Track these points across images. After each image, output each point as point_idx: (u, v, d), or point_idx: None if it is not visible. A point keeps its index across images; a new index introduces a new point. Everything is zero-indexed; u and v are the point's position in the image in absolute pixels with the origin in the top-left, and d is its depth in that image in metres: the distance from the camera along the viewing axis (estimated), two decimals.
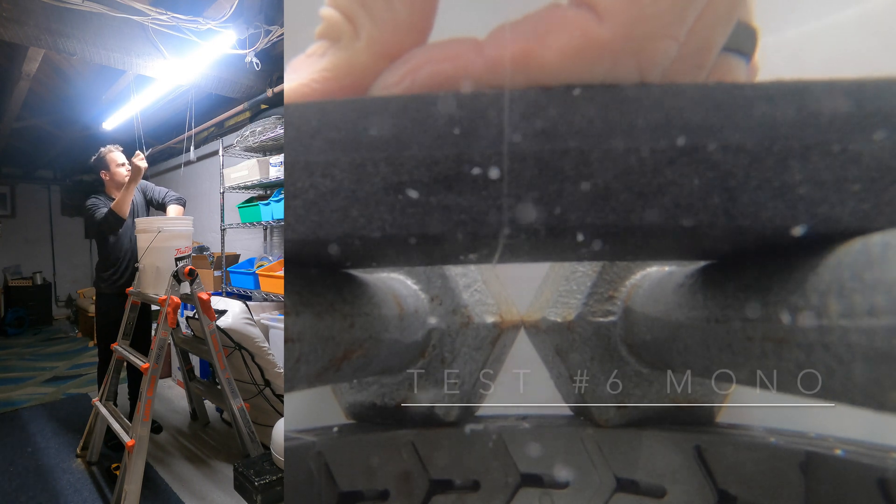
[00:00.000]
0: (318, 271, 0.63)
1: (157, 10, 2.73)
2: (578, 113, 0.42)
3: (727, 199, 0.42)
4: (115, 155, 2.95)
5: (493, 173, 0.43)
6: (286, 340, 0.59)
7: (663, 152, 0.42)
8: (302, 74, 0.47)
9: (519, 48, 0.41)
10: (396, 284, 0.88)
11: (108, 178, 2.96)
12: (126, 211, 2.83)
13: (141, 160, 2.70)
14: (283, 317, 3.17)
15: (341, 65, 0.46)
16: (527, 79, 0.42)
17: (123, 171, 2.92)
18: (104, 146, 3.01)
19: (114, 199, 2.90)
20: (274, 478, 2.35)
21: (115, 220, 2.85)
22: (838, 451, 0.80)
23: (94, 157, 3.00)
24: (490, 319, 0.94)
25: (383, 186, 0.44)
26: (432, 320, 0.93)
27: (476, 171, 0.43)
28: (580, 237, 0.44)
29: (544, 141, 0.42)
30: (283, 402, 2.87)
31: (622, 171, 0.42)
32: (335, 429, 0.98)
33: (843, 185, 0.42)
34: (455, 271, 0.95)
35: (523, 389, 1.13)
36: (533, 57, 0.41)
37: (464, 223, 0.43)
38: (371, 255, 0.53)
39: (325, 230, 0.45)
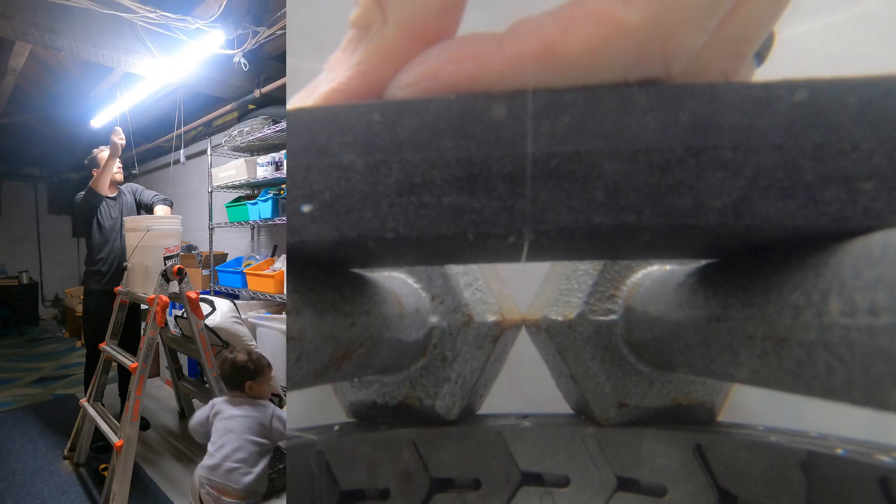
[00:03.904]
0: (320, 270, 0.63)
1: (146, 8, 2.71)
2: (594, 114, 0.42)
3: (737, 199, 0.42)
4: (106, 153, 2.95)
5: (512, 175, 0.43)
6: (288, 339, 0.59)
7: (672, 152, 0.42)
8: (339, 73, 0.46)
9: (542, 41, 0.40)
10: (397, 283, 0.88)
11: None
12: (104, 188, 2.87)
13: (119, 137, 2.72)
14: (269, 315, 3.17)
15: (374, 54, 0.45)
16: (551, 73, 0.41)
17: (114, 170, 2.92)
18: (97, 146, 3.04)
19: (104, 196, 2.90)
20: None
21: (93, 198, 2.90)
22: (839, 451, 0.81)
23: (87, 158, 3.02)
24: (491, 318, 0.94)
25: (397, 189, 0.44)
26: (433, 319, 0.93)
27: (494, 172, 0.43)
28: (593, 237, 0.44)
29: (562, 142, 0.42)
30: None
31: (633, 171, 0.42)
32: (336, 427, 0.97)
33: (854, 183, 0.42)
34: (456, 270, 0.95)
35: (524, 388, 1.14)
36: (557, 49, 0.40)
37: (475, 223, 0.43)
38: (386, 256, 0.54)
39: (340, 231, 0.45)
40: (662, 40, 0.39)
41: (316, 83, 0.48)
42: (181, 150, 4.30)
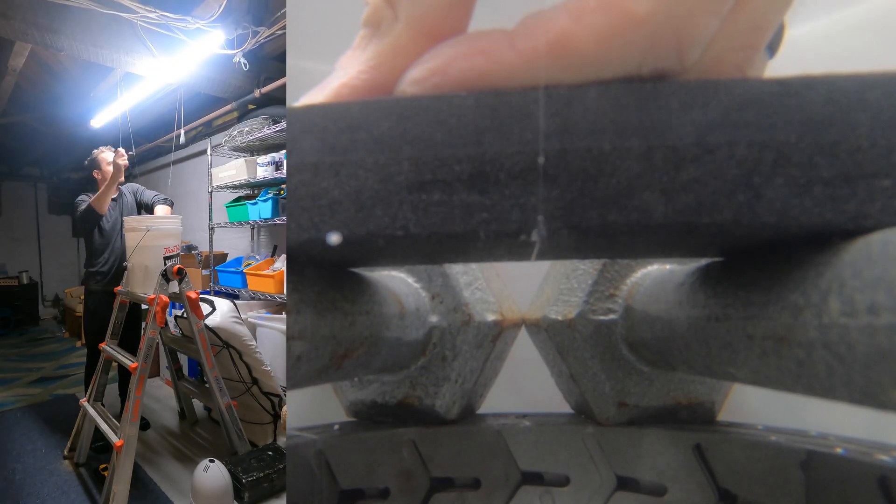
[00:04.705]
0: (320, 270, 0.63)
1: (146, 8, 2.71)
2: (607, 110, 0.42)
3: (752, 197, 0.42)
4: (107, 154, 2.96)
5: (524, 172, 0.43)
6: (288, 338, 0.59)
7: (687, 149, 0.42)
8: (349, 70, 0.47)
9: (553, 35, 0.40)
10: (397, 283, 0.88)
11: (100, 177, 2.97)
12: (104, 208, 2.86)
13: (121, 158, 2.72)
14: (269, 315, 3.17)
15: (385, 51, 0.45)
16: (562, 67, 0.41)
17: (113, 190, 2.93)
18: (97, 147, 3.05)
19: (103, 216, 2.91)
20: (261, 475, 2.35)
21: (92, 217, 2.89)
22: (839, 450, 0.81)
23: (87, 160, 3.03)
24: (491, 318, 0.94)
25: (407, 186, 0.44)
26: (433, 318, 0.93)
27: (506, 170, 0.43)
28: (606, 235, 0.44)
29: (574, 139, 0.42)
30: (270, 399, 2.87)
31: (647, 168, 0.42)
32: (336, 427, 0.97)
33: (872, 181, 0.42)
34: (456, 269, 0.95)
35: (524, 387, 1.14)
36: (569, 43, 0.40)
37: (486, 222, 0.43)
38: (395, 254, 0.53)
39: (350, 229, 0.45)
40: (675, 28, 0.39)
41: (327, 82, 0.48)
42: (181, 131, 4.28)
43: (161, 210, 3.03)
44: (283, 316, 3.19)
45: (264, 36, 2.89)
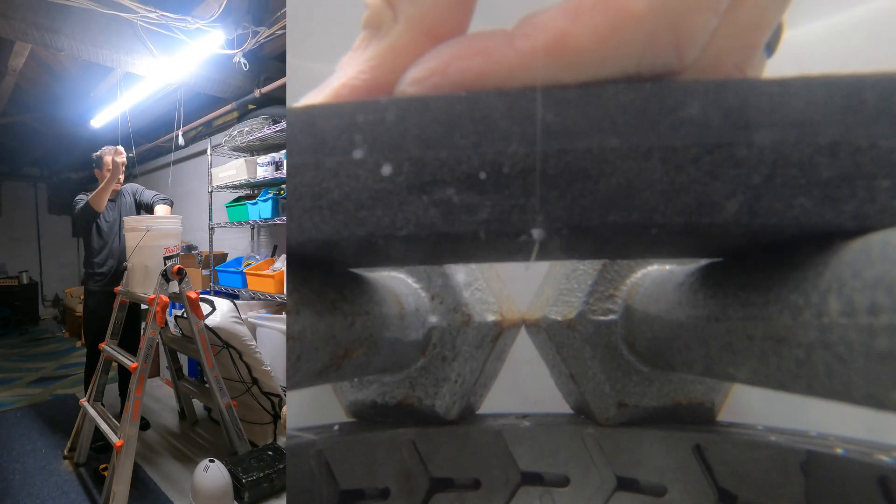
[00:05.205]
0: (320, 270, 0.63)
1: (146, 8, 2.71)
2: (606, 110, 0.42)
3: (752, 197, 0.42)
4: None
5: (524, 173, 0.42)
6: (287, 339, 0.59)
7: (686, 149, 0.41)
8: (349, 70, 0.46)
9: (552, 35, 0.40)
10: (397, 283, 0.88)
11: (101, 177, 2.97)
12: (101, 205, 2.87)
13: (120, 156, 2.72)
14: (269, 315, 3.17)
15: (385, 51, 0.44)
16: (561, 67, 0.40)
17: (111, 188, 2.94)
18: (97, 147, 3.06)
19: (100, 213, 2.91)
20: (261, 475, 2.35)
21: (89, 214, 2.90)
22: (839, 450, 0.81)
23: (94, 155, 3.04)
24: (491, 318, 0.94)
25: (407, 186, 0.43)
26: (433, 319, 0.93)
27: (506, 170, 0.43)
28: (606, 235, 0.44)
29: (573, 139, 0.42)
30: (270, 399, 2.87)
31: (647, 169, 0.42)
32: (336, 427, 0.97)
33: (872, 181, 0.41)
34: (456, 269, 0.95)
35: (524, 388, 1.14)
36: (567, 42, 0.39)
37: (486, 222, 0.43)
38: (395, 255, 0.53)
39: (350, 229, 0.45)
40: (673, 25, 0.39)
41: (327, 82, 0.48)
42: (180, 132, 4.27)
43: (161, 210, 3.03)
44: (283, 316, 3.19)
45: (264, 36, 2.90)
